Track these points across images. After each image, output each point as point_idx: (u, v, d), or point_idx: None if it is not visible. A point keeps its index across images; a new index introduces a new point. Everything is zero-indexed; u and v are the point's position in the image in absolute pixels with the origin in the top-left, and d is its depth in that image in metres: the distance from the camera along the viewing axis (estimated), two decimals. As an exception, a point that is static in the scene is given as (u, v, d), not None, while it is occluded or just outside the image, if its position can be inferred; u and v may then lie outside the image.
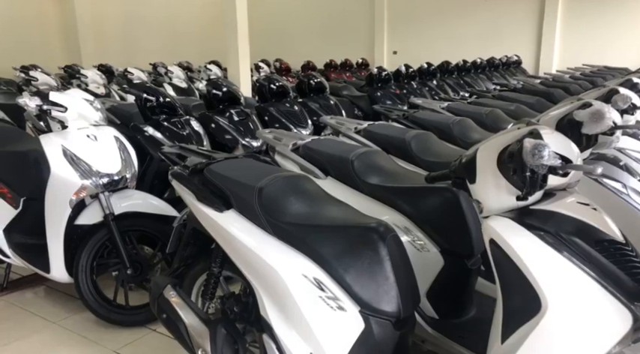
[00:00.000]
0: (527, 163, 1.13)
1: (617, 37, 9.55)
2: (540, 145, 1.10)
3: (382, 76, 5.55)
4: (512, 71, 9.09)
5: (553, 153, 1.11)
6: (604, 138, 1.66)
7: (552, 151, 1.11)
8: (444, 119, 3.23)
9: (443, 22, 11.24)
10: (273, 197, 1.68)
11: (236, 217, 1.69)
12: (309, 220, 1.63)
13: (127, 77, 6.37)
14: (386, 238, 1.57)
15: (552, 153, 1.10)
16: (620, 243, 1.20)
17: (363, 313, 1.52)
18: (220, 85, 3.60)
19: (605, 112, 1.47)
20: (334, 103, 4.53)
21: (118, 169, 2.59)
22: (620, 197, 1.59)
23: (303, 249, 1.58)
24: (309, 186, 1.83)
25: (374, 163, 2.23)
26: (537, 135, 1.19)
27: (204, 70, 7.24)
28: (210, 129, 3.50)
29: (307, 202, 1.72)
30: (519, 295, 1.19)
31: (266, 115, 3.98)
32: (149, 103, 3.06)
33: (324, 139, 2.48)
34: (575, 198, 1.28)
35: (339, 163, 2.20)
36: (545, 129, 1.24)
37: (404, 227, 2.04)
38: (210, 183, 1.79)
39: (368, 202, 2.12)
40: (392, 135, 2.75)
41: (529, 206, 1.27)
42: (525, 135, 1.20)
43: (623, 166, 1.69)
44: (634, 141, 2.11)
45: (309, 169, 2.25)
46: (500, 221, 1.22)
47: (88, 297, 2.53)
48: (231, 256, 1.70)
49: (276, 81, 4.12)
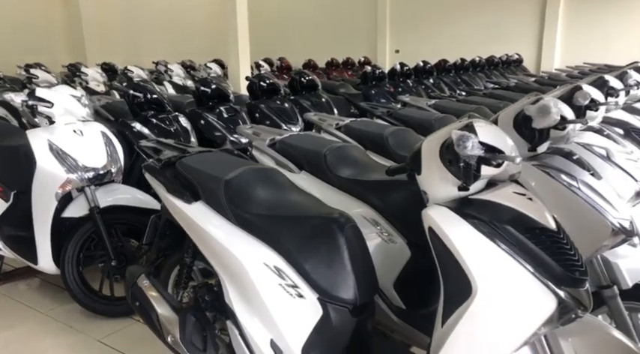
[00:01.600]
0: (458, 153, 1.19)
1: (618, 36, 9.50)
2: (464, 136, 1.16)
3: (376, 74, 5.60)
4: (513, 70, 9.08)
5: (478, 143, 1.17)
6: (556, 132, 1.70)
7: (478, 141, 1.17)
8: (427, 116, 3.29)
9: (445, 21, 11.25)
10: (240, 189, 1.75)
11: (203, 208, 1.76)
12: (272, 211, 1.70)
13: (127, 75, 6.48)
14: (344, 228, 1.63)
15: (476, 143, 1.16)
16: (552, 231, 1.26)
17: (321, 300, 1.59)
18: (209, 82, 3.68)
19: (550, 106, 1.52)
20: (326, 101, 4.59)
21: (103, 164, 2.67)
22: (570, 190, 1.63)
23: (266, 239, 1.65)
24: (278, 179, 1.90)
25: (347, 158, 2.29)
26: (470, 128, 1.25)
27: (204, 69, 7.34)
28: (200, 125, 3.58)
29: (273, 194, 1.79)
30: (455, 280, 1.24)
31: (257, 112, 4.05)
32: (137, 99, 3.15)
33: (302, 135, 2.55)
34: (512, 188, 1.34)
35: (313, 157, 2.27)
36: (480, 122, 1.30)
37: (372, 220, 2.10)
38: (181, 175, 1.87)
39: (339, 195, 2.18)
40: (370, 131, 2.81)
41: (469, 196, 1.32)
42: (460, 128, 1.26)
43: (577, 160, 1.73)
44: (598, 137, 2.15)
45: (283, 164, 2.32)
46: (438, 210, 1.28)
47: (74, 288, 2.62)
48: (199, 246, 1.78)
49: (266, 79, 4.19)
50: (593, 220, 1.63)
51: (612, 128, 2.49)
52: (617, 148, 2.12)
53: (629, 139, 2.49)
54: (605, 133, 2.21)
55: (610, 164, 2.04)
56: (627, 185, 2.03)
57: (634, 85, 2.83)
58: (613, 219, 1.63)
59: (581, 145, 2.08)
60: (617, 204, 1.68)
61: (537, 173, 1.68)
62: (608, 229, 1.62)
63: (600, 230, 1.63)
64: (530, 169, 1.69)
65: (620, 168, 2.06)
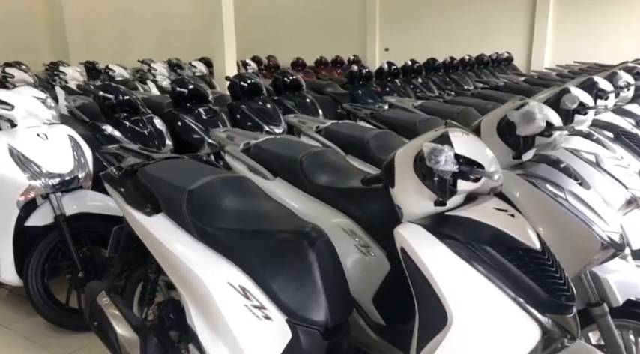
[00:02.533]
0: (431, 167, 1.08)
1: (609, 34, 9.46)
2: (437, 149, 1.04)
3: (363, 73, 5.48)
4: (503, 69, 9.00)
5: (452, 157, 1.05)
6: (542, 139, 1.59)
7: (454, 154, 1.06)
8: (411, 118, 3.18)
9: (435, 19, 11.16)
10: (204, 200, 1.62)
11: (164, 221, 1.64)
12: (238, 224, 1.58)
13: (109, 74, 6.31)
14: (316, 243, 1.51)
15: (451, 157, 1.04)
16: (536, 251, 1.15)
17: (290, 323, 1.47)
18: (186, 82, 3.54)
19: (534, 112, 1.41)
20: (310, 101, 4.47)
21: (70, 169, 2.53)
22: (556, 201, 1.52)
23: (230, 255, 1.52)
24: (247, 188, 1.77)
25: (325, 164, 2.17)
26: (445, 138, 1.14)
27: (188, 68, 7.18)
28: (177, 127, 3.44)
29: (240, 206, 1.66)
30: (429, 307, 1.13)
31: (238, 113, 3.92)
32: (107, 101, 3.01)
33: (278, 139, 2.42)
34: (493, 203, 1.23)
35: (288, 163, 2.14)
36: (457, 132, 1.18)
37: (349, 230, 1.98)
38: (142, 185, 1.74)
39: (315, 204, 2.06)
40: (351, 134, 2.69)
41: (445, 212, 1.21)
42: (435, 138, 1.15)
43: (564, 168, 1.63)
44: (587, 142, 2.05)
45: (257, 170, 2.19)
46: (411, 229, 1.17)
47: (37, 300, 2.48)
48: (160, 262, 1.65)
49: (247, 78, 4.06)
50: (581, 233, 1.52)
51: (602, 132, 2.40)
52: (607, 154, 2.02)
53: (618, 142, 2.40)
54: (594, 137, 2.11)
55: (599, 171, 1.94)
56: (617, 193, 1.93)
57: (624, 86, 2.73)
58: (602, 232, 1.52)
59: (569, 151, 1.98)
60: (606, 215, 1.58)
61: (522, 183, 1.57)
62: (596, 244, 1.51)
63: (588, 245, 1.52)
64: (514, 179, 1.58)
65: (610, 175, 1.96)
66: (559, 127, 1.56)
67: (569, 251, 1.54)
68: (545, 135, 1.57)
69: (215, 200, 1.63)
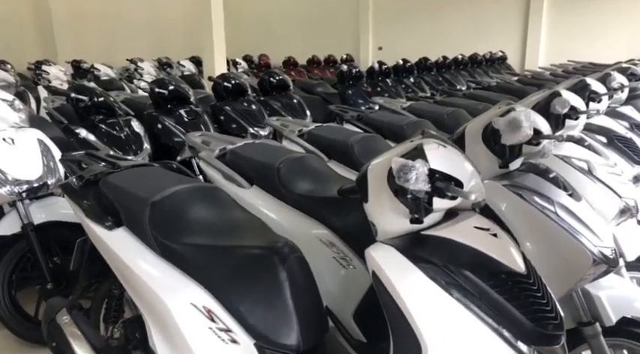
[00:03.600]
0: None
1: (603, 33, 9.39)
2: (406, 166, 0.94)
3: (353, 73, 5.37)
4: (497, 68, 8.92)
5: (424, 174, 0.94)
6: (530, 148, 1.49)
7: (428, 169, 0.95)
8: (399, 121, 3.07)
9: (429, 18, 11.05)
10: (167, 213, 1.51)
11: (125, 236, 1.52)
12: (203, 239, 1.46)
13: (94, 74, 6.16)
14: (287, 259, 1.40)
15: (422, 175, 0.94)
16: (521, 275, 1.04)
17: (258, 347, 1.35)
18: (167, 83, 3.42)
19: (521, 120, 1.31)
20: (297, 102, 4.35)
21: (38, 175, 2.40)
22: (545, 215, 1.42)
23: (195, 274, 1.41)
24: (218, 199, 1.66)
25: (304, 171, 2.06)
26: (419, 152, 1.03)
27: (177, 67, 7.04)
28: (156, 130, 3.32)
29: (208, 219, 1.55)
30: (403, 336, 1.03)
31: (221, 114, 3.81)
32: (81, 102, 2.88)
33: (256, 144, 2.31)
34: (474, 221, 1.12)
35: (265, 170, 2.03)
36: (432, 144, 1.07)
37: (328, 242, 1.87)
38: (104, 196, 1.62)
39: (292, 214, 1.95)
40: (335, 138, 2.58)
41: (422, 231, 1.10)
42: (408, 151, 1.04)
43: (554, 178, 1.52)
44: (579, 148, 1.95)
45: (232, 178, 2.08)
46: (383, 251, 1.06)
47: (4, 313, 2.36)
48: (120, 279, 1.54)
49: (231, 78, 3.94)
50: (572, 249, 1.42)
51: (594, 136, 2.30)
52: (599, 161, 1.92)
53: (612, 147, 2.30)
54: (587, 143, 2.01)
55: (591, 179, 1.84)
56: (610, 203, 1.83)
57: (617, 88, 2.63)
58: (594, 248, 1.42)
59: (560, 158, 1.88)
60: (598, 229, 1.48)
61: (508, 195, 1.47)
62: (588, 260, 1.41)
63: (580, 261, 1.42)
64: (500, 191, 1.48)
65: (603, 183, 1.86)
66: (547, 135, 1.45)
67: (559, 268, 1.44)
68: (532, 143, 1.46)
69: (180, 213, 1.52)
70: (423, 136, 1.16)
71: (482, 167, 1.60)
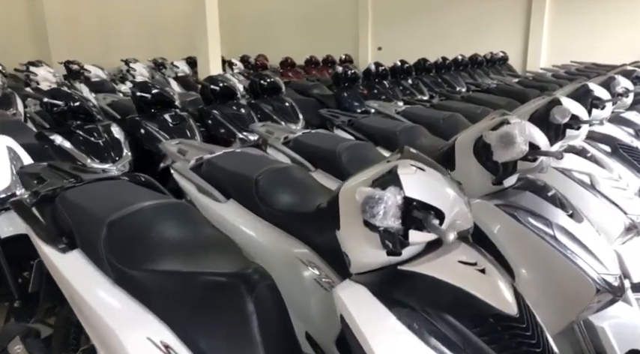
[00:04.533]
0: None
1: (606, 33, 9.21)
2: (372, 199, 0.80)
3: (348, 75, 5.22)
4: (498, 69, 8.75)
5: (395, 207, 0.80)
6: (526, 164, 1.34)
7: (401, 199, 0.81)
8: (392, 126, 2.92)
9: (429, 18, 10.89)
10: (125, 235, 1.36)
11: (79, 260, 1.38)
12: (164, 264, 1.31)
13: (85, 75, 6.03)
14: (256, 288, 1.26)
15: (392, 208, 0.79)
16: (512, 318, 0.90)
17: (221, 386, 1.22)
18: (150, 86, 3.27)
19: (514, 135, 1.17)
20: (290, 105, 4.21)
21: (6, 186, 2.25)
22: (542, 238, 1.27)
23: (153, 304, 1.27)
24: (185, 217, 1.51)
25: (285, 183, 1.91)
26: (394, 177, 0.88)
27: (170, 68, 6.90)
28: (139, 135, 3.18)
29: (171, 241, 1.40)
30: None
31: (209, 118, 3.66)
32: (56, 108, 2.74)
33: (237, 153, 2.16)
34: (458, 254, 0.97)
35: (242, 183, 1.88)
36: (408, 167, 0.93)
37: (309, 262, 1.73)
38: (60, 214, 1.48)
39: (270, 231, 1.80)
40: (322, 146, 2.43)
41: (400, 265, 0.96)
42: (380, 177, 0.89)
43: (552, 197, 1.38)
44: (580, 160, 1.80)
45: (207, 191, 1.94)
46: (352, 291, 0.92)
47: (-31, 332, 2.22)
48: (72, 307, 1.39)
49: (219, 81, 3.79)
50: (572, 278, 1.27)
51: (598, 145, 2.15)
52: (603, 174, 1.77)
53: (616, 157, 2.16)
54: (589, 154, 1.86)
55: (594, 194, 1.70)
56: (615, 220, 1.69)
57: (622, 93, 2.48)
58: (597, 275, 1.28)
59: (560, 171, 1.73)
60: (602, 254, 1.33)
61: (501, 216, 1.32)
62: (591, 289, 1.27)
63: (581, 291, 1.28)
64: (492, 211, 1.33)
65: (607, 198, 1.71)
66: (544, 152, 1.30)
67: (558, 298, 1.30)
68: (528, 159, 1.32)
69: (140, 234, 1.37)
70: (401, 155, 1.02)
71: (474, 183, 1.46)
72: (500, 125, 1.29)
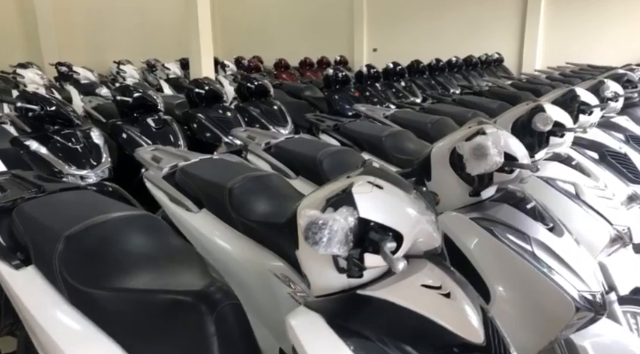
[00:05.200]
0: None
1: (602, 35, 9.16)
2: (315, 225, 0.73)
3: (339, 77, 5.15)
4: (493, 70, 8.69)
5: (343, 234, 0.73)
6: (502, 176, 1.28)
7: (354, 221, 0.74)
8: (378, 131, 2.85)
9: (425, 19, 10.83)
10: (83, 249, 1.29)
11: (33, 276, 1.31)
12: (120, 282, 1.25)
13: (74, 78, 5.95)
14: (217, 308, 1.19)
15: (340, 234, 0.73)
16: (478, 347, 0.83)
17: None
18: (131, 90, 3.20)
19: (487, 147, 1.10)
20: (278, 108, 4.13)
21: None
22: (520, 255, 1.20)
23: (107, 324, 1.20)
24: (149, 230, 1.44)
25: (260, 192, 1.84)
26: (347, 197, 0.82)
27: (161, 69, 6.82)
28: (120, 140, 3.11)
29: (131, 256, 1.33)
30: None
31: (194, 122, 3.59)
32: (31, 112, 2.67)
33: (213, 160, 2.09)
34: (422, 277, 0.91)
35: (215, 191, 1.82)
36: (365, 185, 0.86)
37: (284, 276, 1.66)
38: (17, 227, 1.41)
39: (243, 244, 1.73)
40: (303, 152, 2.36)
41: (358, 289, 0.89)
42: (337, 194, 0.83)
43: (532, 209, 1.31)
44: (565, 168, 1.73)
45: (179, 201, 1.87)
46: (305, 319, 0.85)
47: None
48: (25, 327, 1.32)
49: (205, 84, 3.72)
50: (551, 296, 1.21)
51: (585, 152, 2.09)
52: (588, 183, 1.70)
53: (604, 164, 2.09)
54: (575, 162, 1.79)
55: (579, 205, 1.63)
56: (600, 231, 1.63)
57: (611, 97, 2.42)
58: (577, 293, 1.21)
59: (545, 181, 1.67)
60: (583, 270, 1.26)
61: (477, 231, 1.25)
62: (570, 308, 1.20)
63: (560, 310, 1.21)
64: (467, 225, 1.27)
65: (592, 208, 1.64)
66: (519, 164, 1.24)
67: (537, 317, 1.23)
68: (505, 171, 1.25)
69: (98, 250, 1.30)
70: (362, 169, 0.95)
71: (451, 195, 1.39)
72: (476, 135, 1.22)
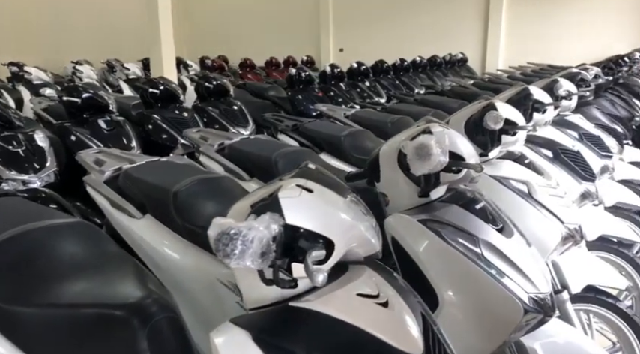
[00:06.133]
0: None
1: (563, 34, 9.40)
2: (226, 235, 0.67)
3: (302, 77, 5.09)
4: (457, 70, 8.81)
5: (259, 245, 0.67)
6: (449, 176, 1.24)
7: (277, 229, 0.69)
8: (338, 131, 2.80)
9: (390, 19, 10.90)
10: (2, 264, 1.19)
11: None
12: (43, 298, 1.15)
13: (25, 78, 5.68)
14: (149, 323, 1.11)
15: (256, 245, 0.67)
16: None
17: None
18: (80, 90, 3.05)
19: (430, 147, 1.06)
20: (238, 109, 4.04)
21: None
22: (469, 258, 1.17)
23: (28, 343, 1.10)
24: (81, 240, 1.34)
25: (209, 196, 1.75)
26: (273, 202, 0.75)
27: (120, 69, 6.61)
28: (69, 143, 2.96)
29: (59, 268, 1.23)
30: None
31: (149, 123, 3.47)
32: (-35, 115, 2.51)
33: (160, 163, 2.00)
34: (358, 286, 0.85)
35: (159, 196, 1.72)
36: (292, 188, 0.80)
37: (232, 285, 1.57)
38: None
39: (189, 251, 1.64)
40: (258, 153, 2.29)
41: (291, 299, 0.83)
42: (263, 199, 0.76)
43: (481, 210, 1.28)
44: (517, 167, 1.71)
45: (121, 206, 1.77)
46: (227, 335, 0.79)
47: None
48: None
49: (159, 84, 3.60)
50: (500, 299, 1.18)
51: (540, 151, 2.09)
52: (540, 182, 1.69)
53: (558, 162, 2.10)
54: (527, 161, 1.78)
55: (531, 204, 1.61)
56: (552, 230, 1.61)
57: (565, 95, 2.44)
58: (525, 296, 1.18)
59: (498, 180, 1.64)
60: (532, 271, 1.24)
61: (425, 234, 1.21)
62: (519, 311, 1.17)
63: (509, 312, 1.18)
64: (415, 228, 1.23)
65: (544, 207, 1.63)
66: (465, 164, 1.20)
67: (486, 321, 1.20)
68: (452, 171, 1.21)
69: (21, 263, 1.20)
70: (296, 171, 0.89)
71: (400, 196, 1.35)
72: (421, 134, 1.18)
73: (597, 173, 2.18)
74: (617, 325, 1.76)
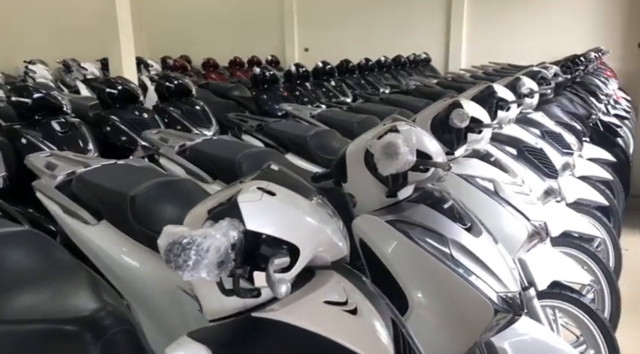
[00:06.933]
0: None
1: (523, 35, 9.62)
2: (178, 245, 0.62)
3: (267, 76, 5.02)
4: (421, 70, 8.91)
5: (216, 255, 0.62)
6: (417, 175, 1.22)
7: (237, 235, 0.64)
8: (304, 131, 2.75)
9: (354, 19, 10.92)
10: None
11: None
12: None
13: (-26, 78, 5.39)
14: (103, 337, 1.03)
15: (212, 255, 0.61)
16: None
17: None
18: (30, 90, 2.89)
19: (397, 145, 1.03)
20: (201, 109, 3.93)
21: None
22: (438, 259, 1.14)
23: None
24: (28, 249, 1.25)
25: (168, 200, 1.67)
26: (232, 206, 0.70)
27: (77, 69, 6.36)
28: (19, 146, 2.80)
29: (3, 281, 1.14)
30: None
31: (107, 125, 3.32)
32: None
33: (116, 165, 1.90)
34: (325, 292, 0.81)
35: (115, 201, 1.63)
36: (252, 191, 0.75)
37: (192, 291, 1.50)
38: None
39: (148, 258, 1.56)
40: (222, 155, 2.21)
41: (254, 309, 0.77)
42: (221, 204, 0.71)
43: (449, 209, 1.26)
44: (484, 165, 1.71)
45: (74, 212, 1.66)
46: (182, 351, 0.72)
47: None
48: None
49: (118, 84, 3.46)
50: (469, 299, 1.16)
51: (504, 148, 2.10)
52: (506, 179, 1.69)
53: (522, 160, 2.11)
54: (493, 158, 1.78)
55: (498, 202, 1.61)
56: (518, 227, 1.62)
57: (527, 93, 2.47)
58: (495, 295, 1.17)
59: (464, 178, 1.63)
60: (501, 270, 1.22)
61: (392, 234, 1.18)
62: (489, 311, 1.16)
63: (479, 313, 1.16)
64: (382, 229, 1.19)
65: (510, 205, 1.63)
66: (432, 162, 1.18)
67: (456, 322, 1.18)
68: (420, 169, 1.19)
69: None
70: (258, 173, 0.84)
71: (368, 196, 1.31)
72: (388, 133, 1.15)
73: (559, 170, 2.22)
74: (581, 320, 1.79)
